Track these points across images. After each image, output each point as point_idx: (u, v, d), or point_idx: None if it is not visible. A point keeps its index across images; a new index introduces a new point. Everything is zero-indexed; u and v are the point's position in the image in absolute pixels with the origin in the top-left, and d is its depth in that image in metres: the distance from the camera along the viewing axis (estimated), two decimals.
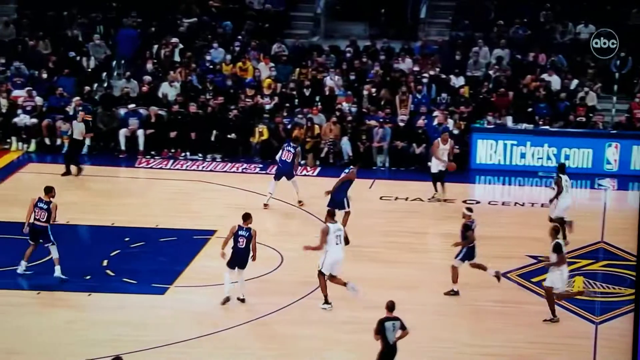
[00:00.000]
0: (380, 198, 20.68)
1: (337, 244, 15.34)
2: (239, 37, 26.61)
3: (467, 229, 15.83)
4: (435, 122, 23.05)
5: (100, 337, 14.27)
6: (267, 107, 23.71)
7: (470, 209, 16.23)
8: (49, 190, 16.20)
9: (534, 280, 16.66)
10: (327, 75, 24.91)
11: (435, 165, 20.23)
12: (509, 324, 15.12)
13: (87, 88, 24.00)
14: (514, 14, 26.84)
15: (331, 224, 15.44)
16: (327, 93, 24.35)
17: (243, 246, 15.29)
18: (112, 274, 16.42)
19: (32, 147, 22.84)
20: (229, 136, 22.87)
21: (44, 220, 15.96)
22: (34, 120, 22.94)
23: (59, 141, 22.89)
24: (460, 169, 22.29)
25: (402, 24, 28.27)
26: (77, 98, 23.14)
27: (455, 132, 22.91)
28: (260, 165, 22.27)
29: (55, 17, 27.00)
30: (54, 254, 16.05)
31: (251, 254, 15.39)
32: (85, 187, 20.64)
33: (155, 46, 25.97)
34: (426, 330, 14.77)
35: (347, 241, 16.32)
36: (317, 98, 24.20)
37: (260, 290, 16.01)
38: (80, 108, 22.52)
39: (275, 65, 25.29)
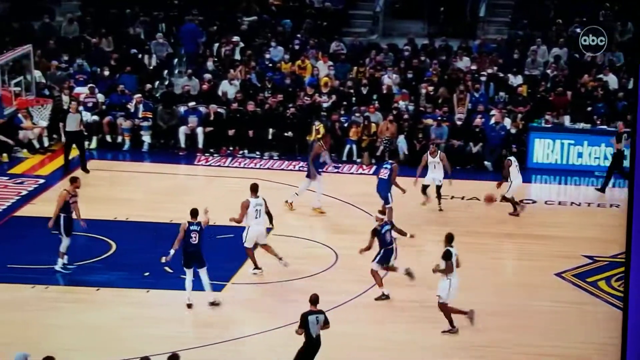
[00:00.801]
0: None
1: (256, 217, 16.00)
2: (298, 35, 26.66)
3: (375, 234, 15.58)
4: (493, 121, 22.87)
5: (157, 333, 14.41)
6: (325, 105, 23.72)
7: (382, 212, 16.02)
8: (72, 181, 16.42)
9: (589, 280, 16.44)
10: (385, 73, 24.81)
11: (428, 178, 19.53)
12: (563, 324, 14.94)
13: (148, 86, 24.17)
14: (573, 12, 26.45)
15: (252, 199, 15.97)
16: (384, 91, 24.26)
17: (196, 242, 15.08)
18: (171, 270, 16.47)
19: (93, 144, 23.00)
20: (286, 134, 22.93)
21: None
22: (96, 117, 23.16)
23: (119, 138, 23.11)
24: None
25: (461, 22, 28.05)
26: (139, 95, 23.34)
27: (513, 131, 22.72)
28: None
29: (118, 15, 27.32)
30: (61, 246, 16.16)
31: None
32: (144, 184, 20.85)
33: (216, 44, 26.11)
34: (481, 332, 14.68)
35: (269, 216, 16.53)
36: (375, 96, 24.11)
37: (313, 288, 15.83)
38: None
39: (334, 63, 25.28)
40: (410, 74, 24.94)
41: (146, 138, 23.00)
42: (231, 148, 22.98)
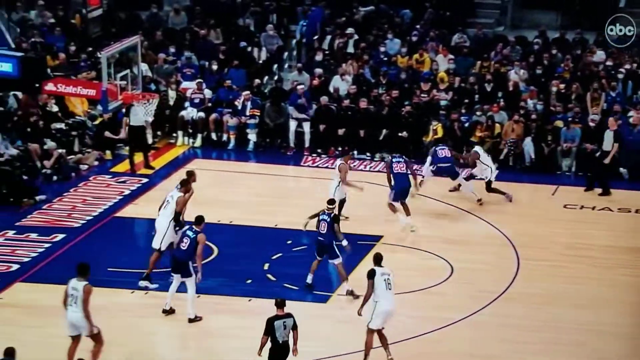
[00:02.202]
0: (564, 206, 20.09)
1: (164, 207, 15.98)
2: (417, 26, 26.42)
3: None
4: (631, 123, 22.14)
5: (257, 345, 14.47)
6: (443, 102, 23.41)
7: (331, 202, 16.38)
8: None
9: None
10: (512, 68, 24.37)
11: (340, 193, 18.23)
12: None
13: (257, 81, 24.33)
14: None
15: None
16: (510, 88, 23.76)
17: (185, 248, 15.03)
18: (274, 278, 16.62)
19: (198, 142, 23.33)
20: (400, 134, 22.71)
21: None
22: (202, 114, 23.45)
23: (225, 136, 23.34)
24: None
25: (598, 13, 27.24)
26: (247, 92, 23.43)
27: None
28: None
29: (228, 5, 27.62)
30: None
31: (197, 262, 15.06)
32: (249, 185, 21.03)
33: (329, 36, 26.14)
34: (610, 354, 14.23)
35: (176, 217, 16.11)
36: (499, 94, 23.67)
37: (427, 303, 15.90)
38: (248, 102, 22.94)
39: (455, 57, 24.93)
40: (539, 70, 24.38)
41: (252, 137, 23.16)
42: (340, 148, 22.90)
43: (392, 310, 13.86)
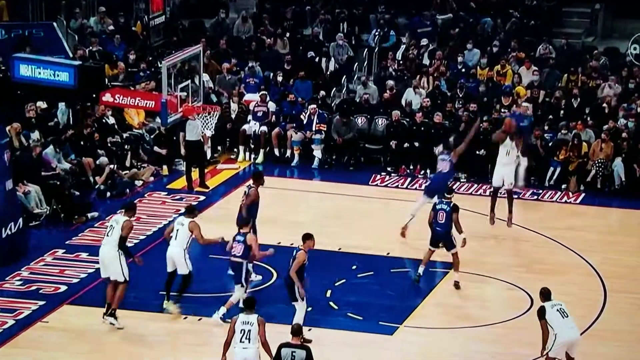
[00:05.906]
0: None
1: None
2: (499, 36, 25.99)
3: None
4: None
5: None
6: None
7: (449, 190, 17.31)
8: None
9: None
10: (602, 82, 23.80)
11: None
12: None
13: (322, 93, 24.09)
14: None
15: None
16: (604, 106, 23.08)
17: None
18: (336, 307, 16.33)
19: (260, 158, 23.14)
20: (477, 152, 22.21)
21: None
22: (264, 128, 23.24)
23: (288, 152, 23.08)
24: None
25: None
26: (313, 106, 23.19)
27: None
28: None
29: (297, 13, 27.48)
30: (233, 296, 15.95)
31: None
32: (313, 206, 20.77)
33: (403, 46, 25.82)
34: None
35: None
36: (587, 110, 23.08)
37: (506, 337, 15.45)
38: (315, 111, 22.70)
39: (540, 69, 24.41)
40: (632, 84, 23.76)
41: (317, 153, 22.91)
42: (411, 167, 22.53)
43: (574, 339, 13.75)
